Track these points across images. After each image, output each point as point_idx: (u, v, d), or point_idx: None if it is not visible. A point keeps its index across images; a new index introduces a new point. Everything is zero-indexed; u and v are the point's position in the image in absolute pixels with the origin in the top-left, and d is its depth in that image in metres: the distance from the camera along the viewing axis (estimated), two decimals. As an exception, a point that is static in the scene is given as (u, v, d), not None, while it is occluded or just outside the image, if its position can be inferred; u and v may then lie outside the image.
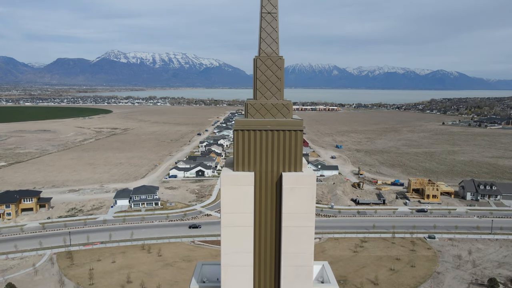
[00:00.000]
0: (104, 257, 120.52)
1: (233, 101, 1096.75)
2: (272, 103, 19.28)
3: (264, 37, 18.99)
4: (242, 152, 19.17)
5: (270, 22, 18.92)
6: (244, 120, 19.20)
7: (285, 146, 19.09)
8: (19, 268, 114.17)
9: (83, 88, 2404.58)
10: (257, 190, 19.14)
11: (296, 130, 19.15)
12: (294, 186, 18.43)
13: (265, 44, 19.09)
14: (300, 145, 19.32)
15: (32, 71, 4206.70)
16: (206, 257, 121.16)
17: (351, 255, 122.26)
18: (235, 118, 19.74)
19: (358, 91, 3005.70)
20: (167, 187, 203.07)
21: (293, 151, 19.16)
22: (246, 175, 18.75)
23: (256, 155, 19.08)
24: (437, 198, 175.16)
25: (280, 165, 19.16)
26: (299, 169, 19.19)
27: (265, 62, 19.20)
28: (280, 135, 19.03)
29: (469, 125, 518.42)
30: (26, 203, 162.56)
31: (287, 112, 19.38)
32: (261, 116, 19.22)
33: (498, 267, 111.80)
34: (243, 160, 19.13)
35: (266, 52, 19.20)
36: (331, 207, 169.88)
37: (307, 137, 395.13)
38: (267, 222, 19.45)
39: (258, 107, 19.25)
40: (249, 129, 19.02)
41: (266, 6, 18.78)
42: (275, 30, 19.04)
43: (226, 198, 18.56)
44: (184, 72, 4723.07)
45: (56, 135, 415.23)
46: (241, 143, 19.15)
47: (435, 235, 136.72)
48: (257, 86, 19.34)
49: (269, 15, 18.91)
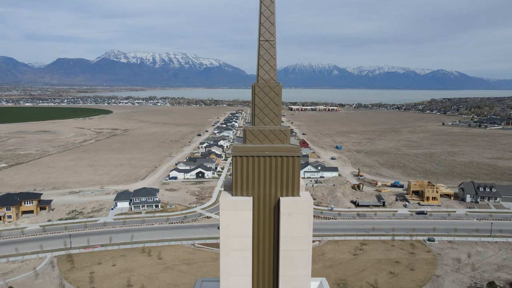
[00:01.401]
0: (104, 260, 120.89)
1: (233, 101, 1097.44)
2: (270, 129, 19.59)
3: (262, 64, 19.30)
4: (241, 177, 19.50)
5: (268, 50, 19.23)
6: (243, 146, 19.52)
7: (283, 171, 19.40)
8: (19, 272, 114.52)
9: (83, 88, 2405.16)
10: (255, 214, 19.49)
11: (294, 156, 19.42)
12: (292, 211, 18.78)
13: (263, 71, 19.40)
14: (297, 170, 19.63)
15: (32, 71, 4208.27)
16: (206, 260, 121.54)
17: (350, 258, 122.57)
18: (233, 145, 20.07)
19: (358, 91, 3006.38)
20: (167, 189, 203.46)
21: (291, 176, 19.47)
22: (244, 200, 19.09)
23: (255, 180, 19.42)
24: (436, 200, 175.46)
25: (278, 189, 19.50)
26: (296, 193, 19.52)
27: (263, 88, 19.52)
28: (278, 160, 19.34)
29: (469, 126, 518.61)
30: (26, 205, 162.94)
31: (284, 138, 19.67)
32: (259, 142, 19.54)
33: (498, 270, 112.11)
34: (242, 185, 19.46)
35: (264, 78, 19.52)
36: (331, 209, 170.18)
37: (307, 138, 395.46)
38: (265, 246, 19.79)
39: (256, 133, 19.58)
40: (247, 155, 19.34)
41: (264, 34, 19.09)
42: (273, 57, 19.35)
43: (225, 223, 18.90)
44: (184, 72, 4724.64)
45: (56, 136, 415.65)
46: (239, 169, 19.47)
47: (434, 237, 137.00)
48: (255, 112, 19.66)
49: (267, 43, 19.23)
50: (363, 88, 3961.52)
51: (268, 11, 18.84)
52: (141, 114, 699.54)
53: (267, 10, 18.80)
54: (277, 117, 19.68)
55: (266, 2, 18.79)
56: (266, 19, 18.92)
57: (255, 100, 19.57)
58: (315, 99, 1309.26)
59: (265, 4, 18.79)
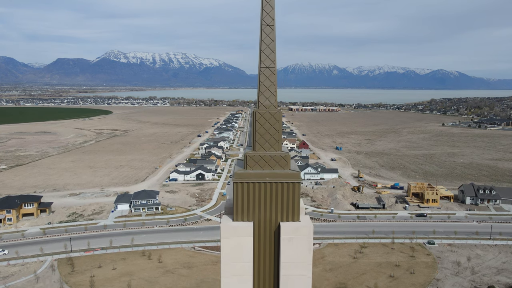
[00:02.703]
0: (105, 264, 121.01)
1: (233, 102, 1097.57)
2: (270, 155, 19.72)
3: (263, 90, 19.44)
4: (242, 203, 19.64)
5: (268, 76, 19.36)
6: (243, 173, 19.65)
7: (283, 197, 19.54)
8: (20, 275, 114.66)
9: (83, 88, 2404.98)
10: (256, 240, 19.65)
11: (294, 182, 19.56)
12: (292, 237, 18.94)
13: (263, 97, 19.54)
14: (297, 196, 19.78)
15: (32, 71, 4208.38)
16: (207, 263, 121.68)
17: (350, 261, 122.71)
18: (234, 171, 20.23)
19: (358, 91, 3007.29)
20: (167, 191, 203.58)
21: (291, 201, 19.61)
22: (245, 226, 19.24)
23: (255, 206, 19.56)
24: (436, 203, 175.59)
25: (278, 215, 19.65)
26: (296, 218, 19.67)
27: (263, 115, 19.65)
28: (278, 186, 19.48)
29: (469, 126, 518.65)
30: (27, 208, 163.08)
31: (285, 164, 19.81)
32: (260, 168, 19.67)
33: (497, 274, 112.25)
34: (242, 211, 19.61)
35: (264, 105, 19.65)
36: (331, 211, 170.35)
37: (307, 139, 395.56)
38: (265, 271, 19.93)
39: (257, 159, 19.70)
40: (248, 181, 19.48)
41: (265, 61, 19.20)
42: (273, 83, 19.51)
43: (226, 248, 19.05)
44: (184, 72, 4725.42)
45: (57, 137, 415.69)
46: (240, 195, 19.61)
47: (434, 240, 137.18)
48: (255, 138, 19.78)
49: (268, 70, 19.37)
50: (363, 88, 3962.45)
51: (268, 39, 18.98)
52: (141, 115, 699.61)
53: (268, 38, 18.94)
54: (277, 143, 19.80)
55: (267, 29, 18.92)
56: (267, 46, 19.07)
57: (255, 126, 19.70)
58: (315, 99, 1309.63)
59: (266, 31, 18.93)
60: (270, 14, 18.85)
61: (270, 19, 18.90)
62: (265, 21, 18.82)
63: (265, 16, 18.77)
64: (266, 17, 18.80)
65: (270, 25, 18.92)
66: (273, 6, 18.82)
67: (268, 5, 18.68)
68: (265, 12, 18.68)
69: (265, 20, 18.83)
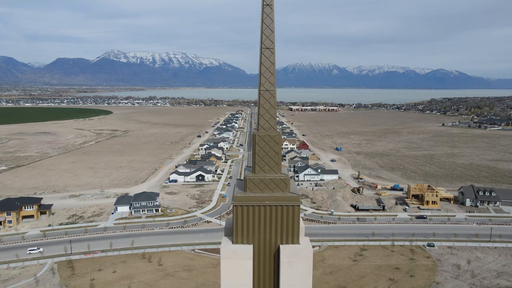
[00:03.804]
0: (105, 267, 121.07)
1: (233, 101, 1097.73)
2: (270, 178, 19.74)
3: (263, 113, 19.46)
4: (241, 226, 19.65)
5: (268, 99, 19.37)
6: (243, 196, 19.66)
7: (283, 220, 19.57)
8: (20, 278, 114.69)
9: (83, 88, 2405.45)
10: (256, 262, 19.67)
11: (293, 205, 19.59)
12: (292, 260, 18.97)
13: (263, 120, 19.57)
14: (297, 218, 19.80)
15: (32, 71, 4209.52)
16: (207, 266, 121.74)
17: (350, 264, 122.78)
18: (234, 194, 20.22)
19: (358, 90, 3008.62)
20: (167, 192, 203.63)
21: (291, 224, 19.64)
22: (245, 249, 19.27)
23: (255, 229, 19.59)
24: (436, 204, 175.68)
25: (278, 238, 19.67)
26: (296, 241, 19.70)
27: (263, 137, 19.69)
28: (278, 210, 19.51)
29: (469, 127, 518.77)
30: (27, 210, 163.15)
31: (285, 187, 19.83)
32: (260, 191, 19.69)
33: (497, 277, 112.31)
34: (242, 233, 19.62)
35: (264, 127, 19.69)
36: (331, 213, 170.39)
37: (307, 139, 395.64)
38: None
39: (256, 182, 19.73)
40: (248, 204, 19.50)
41: (264, 84, 19.24)
42: (272, 106, 19.52)
43: (226, 271, 19.08)
44: (184, 71, 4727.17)
45: (57, 137, 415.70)
46: (240, 218, 19.61)
47: (434, 243, 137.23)
48: (255, 161, 19.81)
49: (267, 92, 19.38)
50: (363, 87, 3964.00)
51: (268, 62, 18.96)
52: (141, 115, 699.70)
53: (267, 61, 18.90)
54: (277, 165, 19.84)
55: (267, 53, 18.92)
56: (267, 69, 19.07)
57: (255, 149, 19.72)
58: (315, 98, 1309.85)
59: (265, 55, 18.90)
60: (270, 37, 18.87)
61: (270, 43, 18.92)
62: (264, 45, 18.86)
63: (265, 40, 18.81)
64: (266, 41, 18.83)
65: (270, 48, 18.95)
66: (272, 29, 18.83)
67: (268, 29, 18.70)
68: (265, 36, 18.72)
69: (264, 43, 18.86)
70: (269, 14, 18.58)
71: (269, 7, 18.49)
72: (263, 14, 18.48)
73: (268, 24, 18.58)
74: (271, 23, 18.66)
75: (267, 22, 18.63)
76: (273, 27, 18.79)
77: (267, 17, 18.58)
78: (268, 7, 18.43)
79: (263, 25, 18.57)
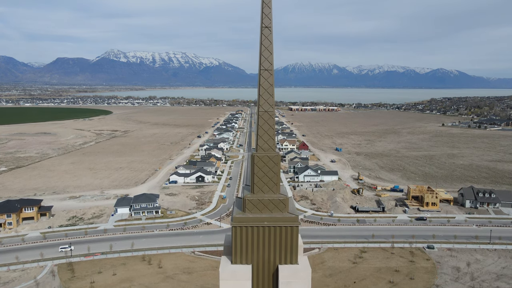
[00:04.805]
0: (105, 269, 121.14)
1: (233, 101, 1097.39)
2: (269, 199, 19.77)
3: (261, 134, 19.53)
4: (240, 246, 19.68)
5: (267, 120, 19.42)
6: (242, 217, 19.70)
7: (281, 240, 19.61)
8: (20, 281, 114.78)
9: (83, 88, 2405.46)
10: (254, 283, 19.69)
11: (292, 226, 19.63)
12: (290, 281, 18.98)
13: (262, 141, 19.62)
14: (296, 239, 19.84)
15: (32, 70, 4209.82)
16: (207, 268, 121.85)
17: (350, 266, 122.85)
18: (233, 215, 20.30)
19: (358, 90, 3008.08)
20: (167, 194, 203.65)
21: (289, 245, 19.68)
22: (244, 270, 19.29)
23: (254, 249, 19.62)
24: (436, 206, 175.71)
25: (277, 258, 19.71)
26: (294, 261, 19.74)
27: (262, 158, 19.72)
28: (277, 230, 19.55)
29: (469, 127, 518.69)
30: (27, 212, 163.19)
31: (283, 207, 19.88)
32: (259, 211, 19.73)
33: (497, 280, 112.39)
34: (241, 254, 19.65)
35: (263, 148, 19.72)
36: (330, 215, 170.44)
37: (307, 140, 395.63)
38: None
39: (255, 203, 19.76)
40: (247, 225, 19.54)
41: (263, 105, 19.28)
42: (271, 127, 19.56)
43: None
44: (184, 71, 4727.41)
45: (57, 138, 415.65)
46: (239, 239, 19.65)
47: (434, 245, 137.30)
48: (254, 181, 19.83)
49: (266, 114, 19.43)
50: (363, 87, 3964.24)
51: (267, 83, 19.02)
52: (141, 115, 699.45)
53: (266, 82, 19.01)
54: (276, 186, 19.89)
55: (265, 84, 18.91)
56: (266, 91, 19.09)
57: (254, 170, 19.76)
58: (315, 98, 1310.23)
59: (264, 76, 18.98)
60: (269, 59, 18.77)
61: (268, 64, 18.84)
62: (263, 66, 18.79)
63: (264, 61, 18.68)
64: (265, 62, 18.71)
65: (268, 69, 18.85)
66: (271, 51, 18.77)
67: (266, 50, 18.53)
68: (264, 57, 18.58)
69: (263, 65, 18.78)
70: (268, 36, 18.50)
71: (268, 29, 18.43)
72: (262, 36, 18.38)
73: (267, 46, 18.56)
74: (269, 45, 18.63)
75: (266, 44, 18.58)
76: (271, 48, 18.75)
77: (266, 38, 18.47)
78: (267, 29, 18.36)
79: (261, 47, 18.54)
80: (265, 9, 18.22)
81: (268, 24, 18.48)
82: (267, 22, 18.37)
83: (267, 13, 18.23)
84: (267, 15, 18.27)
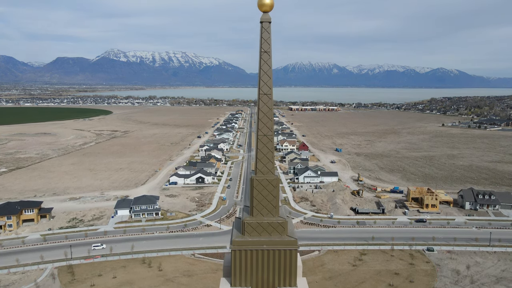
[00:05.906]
0: (105, 272, 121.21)
1: (233, 101, 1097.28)
2: (268, 222, 19.90)
3: (260, 157, 19.66)
4: (239, 269, 19.80)
5: (266, 144, 19.53)
6: (241, 240, 19.81)
7: (280, 263, 19.72)
8: (20, 284, 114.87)
9: (83, 88, 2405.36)
10: None
11: (291, 249, 19.76)
12: None
13: (261, 164, 19.75)
14: (294, 262, 19.95)
15: (32, 70, 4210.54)
16: (207, 271, 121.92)
17: (350, 269, 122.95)
18: (232, 238, 20.40)
19: (358, 90, 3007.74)
20: (167, 195, 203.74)
21: (288, 268, 19.80)
22: None
23: (253, 272, 19.74)
24: (436, 208, 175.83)
25: (276, 280, 19.83)
26: (293, 284, 19.86)
27: (261, 182, 19.85)
28: (276, 254, 19.67)
29: (469, 127, 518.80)
30: (27, 214, 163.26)
31: (282, 230, 20.00)
32: (258, 234, 19.85)
33: (496, 283, 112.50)
34: (240, 277, 19.77)
35: (262, 171, 19.85)
36: (330, 216, 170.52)
37: (307, 140, 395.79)
38: None
39: (254, 226, 19.89)
40: (246, 249, 19.66)
41: (262, 129, 19.39)
42: (271, 151, 19.68)
43: None
44: (184, 71, 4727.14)
45: (57, 138, 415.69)
46: (238, 262, 19.77)
47: (433, 247, 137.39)
48: (253, 204, 19.96)
49: (265, 137, 19.54)
50: (363, 86, 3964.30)
51: (266, 107, 19.15)
52: (141, 115, 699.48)
53: (265, 106, 19.11)
54: (275, 209, 20.01)
55: (264, 108, 19.01)
56: (265, 115, 19.23)
57: (253, 193, 19.87)
58: (315, 98, 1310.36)
59: (263, 100, 19.09)
60: (268, 83, 18.91)
61: (267, 88, 18.98)
62: (262, 91, 18.94)
63: (263, 86, 18.84)
64: (264, 87, 18.87)
65: (268, 94, 18.99)
66: (270, 76, 18.90)
67: (265, 75, 18.73)
68: (263, 82, 18.75)
69: (262, 89, 18.93)
70: (267, 60, 18.62)
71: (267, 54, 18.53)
72: (261, 61, 18.50)
73: (266, 70, 18.61)
74: (268, 69, 18.73)
75: (265, 68, 18.66)
76: (270, 73, 18.87)
77: (265, 63, 18.57)
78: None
79: (260, 72, 18.66)
80: (264, 34, 18.38)
81: (267, 49, 18.58)
82: (266, 47, 18.50)
83: (266, 38, 18.38)
84: (266, 40, 18.43)
